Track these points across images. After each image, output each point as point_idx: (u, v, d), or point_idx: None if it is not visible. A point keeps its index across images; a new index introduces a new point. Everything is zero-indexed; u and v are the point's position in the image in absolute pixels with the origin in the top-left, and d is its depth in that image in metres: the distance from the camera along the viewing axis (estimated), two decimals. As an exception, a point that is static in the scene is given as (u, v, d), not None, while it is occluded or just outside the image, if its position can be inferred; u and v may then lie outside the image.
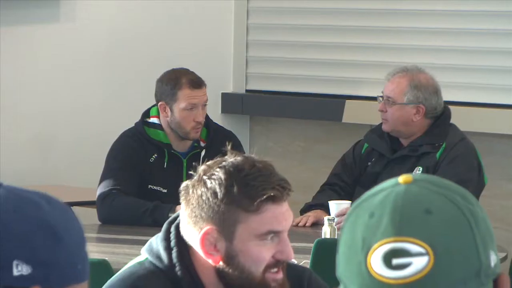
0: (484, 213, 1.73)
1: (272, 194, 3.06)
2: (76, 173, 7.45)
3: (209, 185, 3.09)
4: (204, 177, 3.10)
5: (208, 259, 3.10)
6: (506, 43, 7.36)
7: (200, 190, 3.11)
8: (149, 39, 8.02)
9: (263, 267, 3.02)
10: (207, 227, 3.07)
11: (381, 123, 6.23)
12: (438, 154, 6.11)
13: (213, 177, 3.08)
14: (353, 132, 6.87)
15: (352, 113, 7.53)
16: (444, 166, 6.08)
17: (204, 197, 3.10)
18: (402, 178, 1.74)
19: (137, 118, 6.35)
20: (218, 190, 3.09)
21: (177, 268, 3.13)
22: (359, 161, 6.30)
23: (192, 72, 6.29)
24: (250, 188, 3.07)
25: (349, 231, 1.81)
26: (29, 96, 7.65)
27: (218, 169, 3.10)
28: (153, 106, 6.29)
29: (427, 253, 1.68)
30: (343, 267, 1.80)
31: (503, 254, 5.77)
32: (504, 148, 6.91)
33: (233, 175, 3.09)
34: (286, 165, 6.22)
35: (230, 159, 3.16)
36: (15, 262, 1.89)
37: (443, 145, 6.13)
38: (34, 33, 7.66)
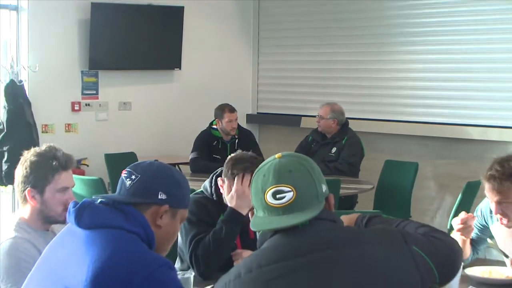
0: (317, 167, 1.86)
1: (235, 171, 2.99)
2: (180, 148, 7.07)
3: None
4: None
5: (221, 190, 3.06)
6: (376, 90, 6.99)
7: None
8: (212, 87, 7.62)
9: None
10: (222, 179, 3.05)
11: (317, 127, 6.22)
12: (343, 142, 6.05)
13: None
14: (305, 131, 6.65)
15: (305, 123, 7.26)
16: (346, 147, 6.03)
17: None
18: (277, 155, 1.84)
19: (207, 124, 6.34)
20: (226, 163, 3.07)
21: (214, 195, 3.10)
22: (307, 145, 6.25)
23: (231, 105, 6.28)
24: (230, 165, 3.02)
25: (255, 184, 1.83)
26: (161, 113, 7.41)
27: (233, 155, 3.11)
28: (214, 120, 6.25)
29: (292, 191, 1.77)
30: (253, 201, 1.84)
31: (370, 186, 5.75)
32: (372, 138, 6.76)
33: (231, 158, 3.06)
34: (277, 148, 5.86)
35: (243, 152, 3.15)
36: (159, 192, 2.00)
37: (346, 138, 6.08)
38: (160, 87, 7.41)
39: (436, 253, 1.78)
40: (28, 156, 2.62)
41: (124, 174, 2.04)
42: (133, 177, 2.01)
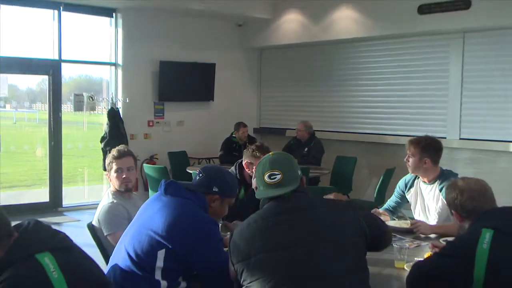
0: (295, 159, 1.77)
1: (252, 154, 2.86)
2: (213, 149, 6.68)
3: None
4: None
5: (247, 169, 2.89)
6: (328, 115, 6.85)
7: None
8: (232, 111, 7.28)
9: None
10: (245, 161, 2.91)
11: (296, 136, 6.03)
12: (311, 144, 5.87)
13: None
14: (288, 138, 6.46)
15: (288, 133, 7.00)
16: (313, 148, 5.84)
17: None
18: (271, 153, 1.80)
19: (229, 134, 6.13)
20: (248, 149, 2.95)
21: (237, 174, 2.93)
22: (290, 146, 6.01)
23: (244, 122, 6.17)
24: (250, 149, 2.90)
25: (257, 170, 1.78)
26: (201, 127, 7.07)
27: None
28: (233, 131, 6.09)
29: (280, 174, 1.72)
30: (257, 181, 1.76)
31: (328, 171, 5.53)
32: (329, 142, 6.49)
33: (251, 147, 2.90)
34: (272, 148, 5.60)
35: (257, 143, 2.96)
36: (213, 186, 1.95)
37: (313, 142, 5.90)
38: (201, 111, 7.10)
39: (373, 226, 1.68)
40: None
41: (198, 171, 2.01)
42: (200, 175, 1.97)
